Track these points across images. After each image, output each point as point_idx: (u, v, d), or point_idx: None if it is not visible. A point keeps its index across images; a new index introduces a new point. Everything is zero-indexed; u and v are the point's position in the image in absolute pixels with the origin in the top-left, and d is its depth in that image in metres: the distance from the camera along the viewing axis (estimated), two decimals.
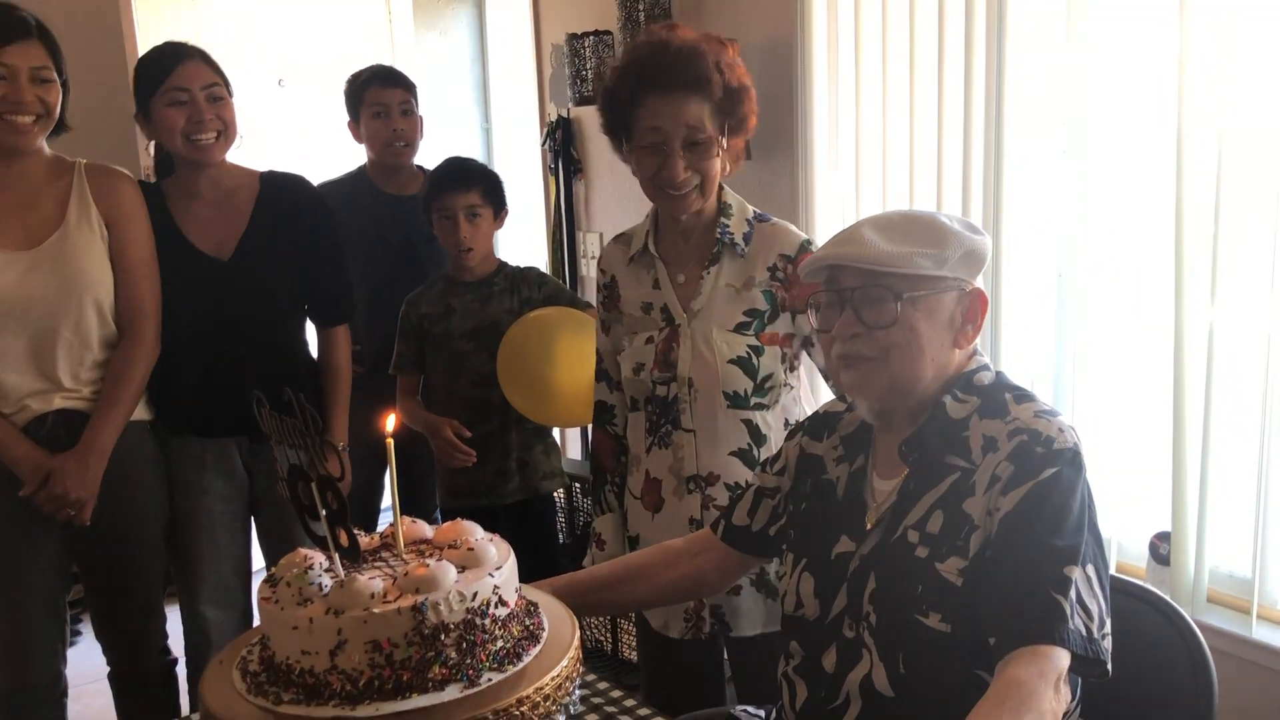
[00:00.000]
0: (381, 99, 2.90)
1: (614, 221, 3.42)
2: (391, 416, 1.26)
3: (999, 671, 1.22)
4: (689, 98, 1.79)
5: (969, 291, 1.40)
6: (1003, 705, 1.17)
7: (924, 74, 2.51)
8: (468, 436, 2.57)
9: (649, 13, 3.02)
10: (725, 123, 1.83)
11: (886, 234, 1.37)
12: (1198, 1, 2.00)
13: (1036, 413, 1.35)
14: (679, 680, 2.01)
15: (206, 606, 2.43)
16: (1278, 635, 2.05)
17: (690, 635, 1.93)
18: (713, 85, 1.79)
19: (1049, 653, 1.20)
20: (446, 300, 2.61)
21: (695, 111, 1.79)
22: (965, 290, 1.40)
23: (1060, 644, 1.21)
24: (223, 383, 2.34)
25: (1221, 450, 2.11)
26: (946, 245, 1.37)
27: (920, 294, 1.36)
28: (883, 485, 1.45)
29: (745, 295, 1.88)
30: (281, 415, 1.21)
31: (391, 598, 1.14)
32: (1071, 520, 1.28)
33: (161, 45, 2.35)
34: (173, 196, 2.33)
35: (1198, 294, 2.07)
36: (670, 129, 1.80)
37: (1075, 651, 1.22)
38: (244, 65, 3.90)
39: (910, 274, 1.35)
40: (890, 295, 1.35)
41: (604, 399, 2.05)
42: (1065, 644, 1.21)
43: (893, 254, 1.35)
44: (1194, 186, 2.05)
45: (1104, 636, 1.26)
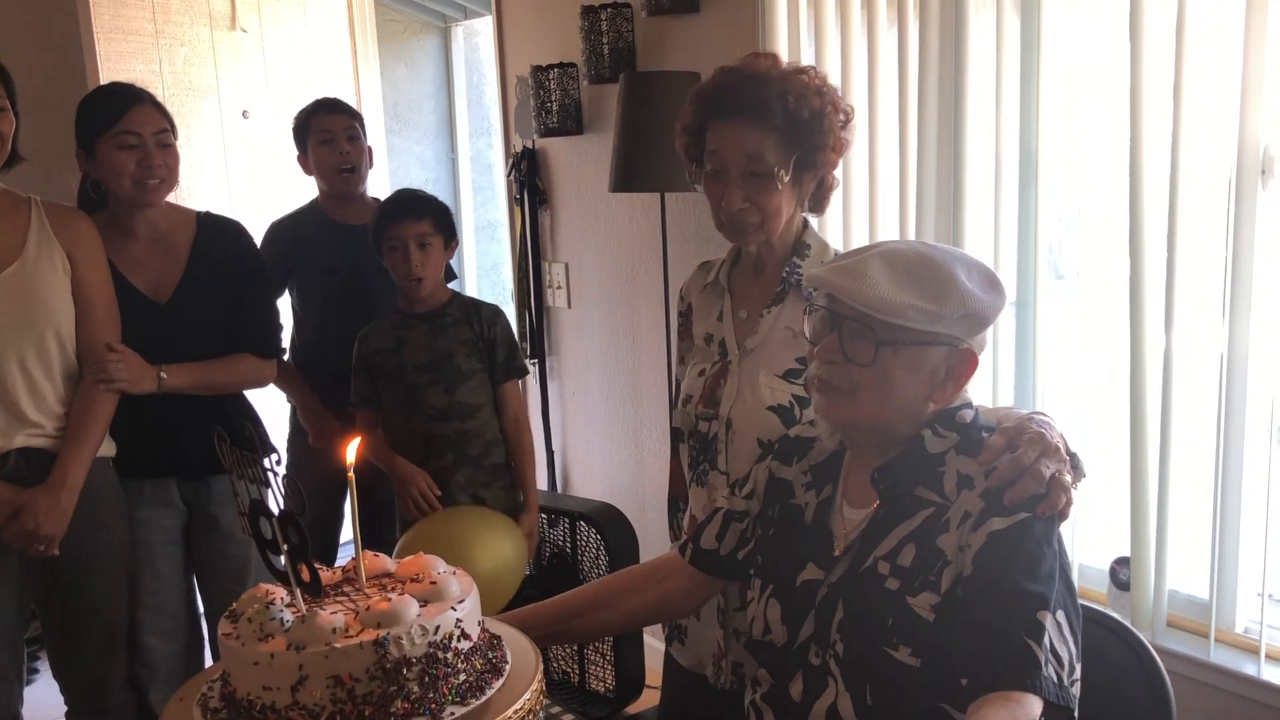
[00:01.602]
0: (327, 125, 2.92)
1: (579, 252, 3.44)
2: (353, 446, 1.26)
3: (971, 712, 1.21)
4: (749, 125, 1.69)
5: (960, 350, 1.38)
6: None
7: (884, 104, 2.54)
8: (438, 494, 2.56)
9: (612, 45, 3.05)
10: (793, 156, 1.70)
11: (892, 275, 1.35)
12: (1150, 32, 2.04)
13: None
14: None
15: (151, 637, 2.42)
16: (1236, 658, 2.07)
17: (714, 681, 1.88)
18: (773, 113, 1.67)
19: (1022, 699, 1.20)
20: (397, 333, 2.60)
21: (755, 140, 1.69)
22: (956, 348, 1.38)
23: (1034, 691, 1.20)
24: (158, 423, 2.34)
25: (1180, 474, 2.14)
26: (947, 303, 1.34)
27: (905, 344, 1.35)
28: (852, 514, 1.45)
29: (802, 341, 1.72)
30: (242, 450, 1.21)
31: (353, 632, 1.14)
32: (1045, 565, 1.28)
33: (111, 86, 2.37)
34: (105, 234, 2.32)
35: (1154, 320, 2.11)
36: (729, 156, 1.71)
37: (1048, 699, 1.21)
38: (208, 96, 3.92)
39: (898, 324, 1.34)
40: (874, 338, 1.35)
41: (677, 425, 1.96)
42: (1039, 691, 1.21)
43: (887, 301, 1.33)
44: (1149, 213, 2.09)
45: (1074, 683, 1.27)
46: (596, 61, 3.08)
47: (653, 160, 2.70)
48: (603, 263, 3.36)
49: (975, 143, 2.37)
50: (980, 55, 2.35)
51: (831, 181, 1.81)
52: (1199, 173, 2.06)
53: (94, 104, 2.32)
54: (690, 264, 2.08)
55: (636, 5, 2.99)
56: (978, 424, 1.42)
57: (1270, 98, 1.93)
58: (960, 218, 2.40)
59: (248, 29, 4.05)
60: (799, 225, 1.82)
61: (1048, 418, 1.44)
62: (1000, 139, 2.35)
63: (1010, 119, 2.34)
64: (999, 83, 2.33)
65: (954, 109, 2.38)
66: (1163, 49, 2.03)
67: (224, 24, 4.00)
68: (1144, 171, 2.08)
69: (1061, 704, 1.23)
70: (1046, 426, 1.40)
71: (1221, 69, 2.00)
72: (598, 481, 3.54)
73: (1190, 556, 2.19)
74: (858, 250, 1.44)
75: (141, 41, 3.74)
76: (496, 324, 2.63)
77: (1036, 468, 1.33)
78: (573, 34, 3.17)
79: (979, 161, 2.38)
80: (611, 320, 3.37)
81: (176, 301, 2.36)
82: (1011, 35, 2.32)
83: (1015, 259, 2.40)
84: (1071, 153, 2.31)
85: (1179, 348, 2.10)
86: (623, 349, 3.35)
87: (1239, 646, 2.09)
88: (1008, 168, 2.36)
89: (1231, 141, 1.98)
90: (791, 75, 1.71)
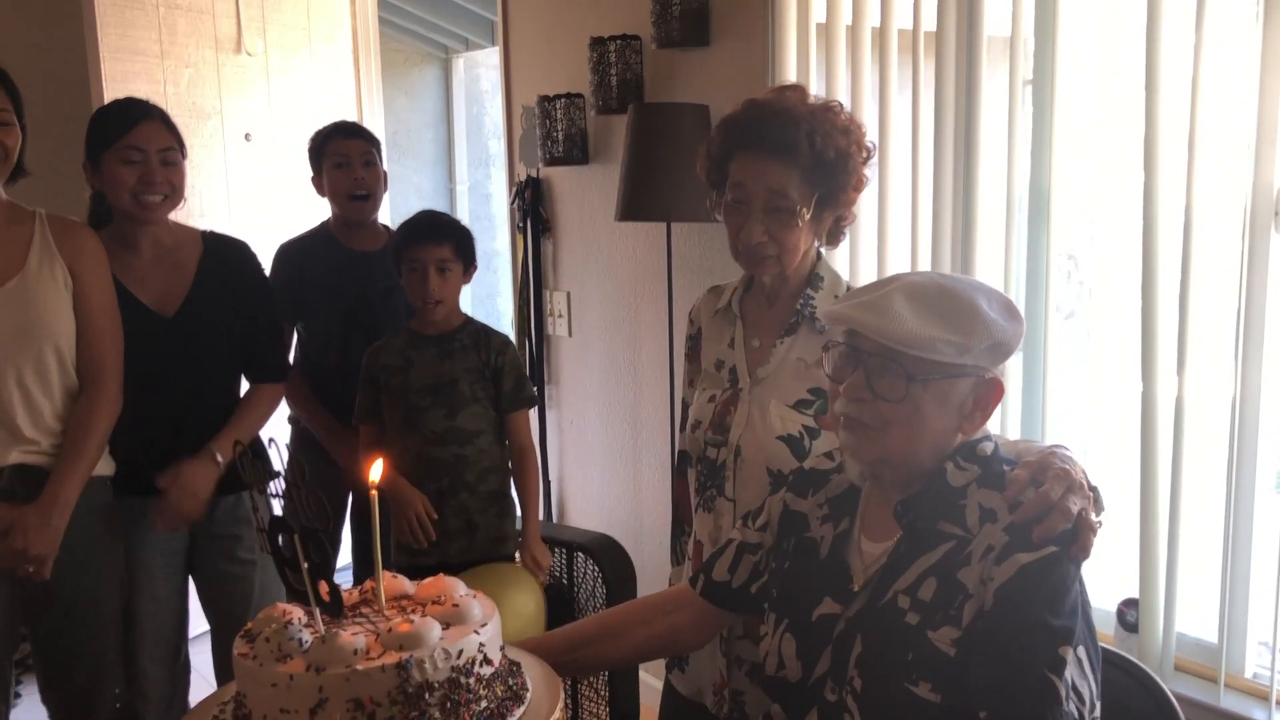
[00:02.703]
0: (343, 150, 2.91)
1: (581, 281, 3.43)
2: (377, 465, 1.24)
3: None
4: (775, 161, 1.69)
5: (986, 380, 1.38)
6: None
7: (895, 139, 2.55)
8: (434, 519, 2.53)
9: (621, 77, 3.06)
10: (815, 194, 1.72)
11: (916, 309, 1.34)
12: (1166, 72, 2.05)
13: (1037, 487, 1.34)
14: None
15: (148, 663, 2.39)
16: (1245, 704, 2.05)
17: (715, 710, 1.86)
18: (800, 152, 1.68)
19: None
20: (407, 353, 2.58)
21: (780, 177, 1.70)
22: (983, 378, 1.38)
23: None
24: (162, 440, 2.33)
25: (1190, 517, 2.13)
26: (974, 334, 1.34)
27: (934, 378, 1.34)
28: (871, 548, 1.43)
29: (814, 372, 1.76)
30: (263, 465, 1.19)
31: (375, 654, 1.11)
32: (1069, 601, 1.27)
33: (123, 101, 2.36)
34: (110, 249, 2.31)
35: (1166, 362, 2.11)
36: (752, 188, 1.72)
37: None
38: (212, 119, 3.92)
39: (928, 358, 1.33)
40: (903, 373, 1.33)
41: (685, 449, 1.96)
42: None
43: (917, 336, 1.31)
44: (1162, 257, 2.09)
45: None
46: (604, 92, 3.09)
47: (660, 190, 2.71)
48: (605, 292, 3.35)
49: (986, 180, 2.38)
50: (993, 93, 2.36)
51: (848, 218, 1.83)
52: (1212, 214, 2.06)
53: (104, 117, 2.32)
54: (695, 294, 2.08)
55: (646, 37, 3.01)
56: (999, 456, 1.41)
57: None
58: (971, 256, 2.40)
59: (253, 53, 4.05)
60: (813, 257, 1.83)
61: (1069, 451, 1.44)
62: (1012, 177, 2.35)
63: (1022, 158, 2.34)
64: (1011, 121, 2.33)
65: (965, 146, 2.38)
66: (1178, 89, 2.04)
67: (230, 47, 4.00)
68: (1158, 212, 2.08)
69: None
70: (1070, 462, 1.40)
71: (1236, 110, 2.01)
72: (595, 512, 3.51)
73: (1199, 600, 2.17)
74: (875, 285, 1.43)
75: (147, 62, 3.73)
76: (505, 353, 2.61)
77: (1064, 504, 1.32)
78: (580, 65, 3.18)
79: (990, 199, 2.38)
80: (612, 350, 3.36)
81: (182, 316, 2.35)
82: (1025, 74, 2.33)
83: (1024, 297, 2.40)
84: (1084, 192, 2.31)
85: (1190, 391, 2.10)
86: (623, 379, 3.33)
87: (1249, 692, 2.07)
88: (1019, 206, 2.37)
89: (1246, 183, 1.98)
90: (820, 112, 1.73)
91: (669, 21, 2.87)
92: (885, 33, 2.53)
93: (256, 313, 2.47)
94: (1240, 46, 1.98)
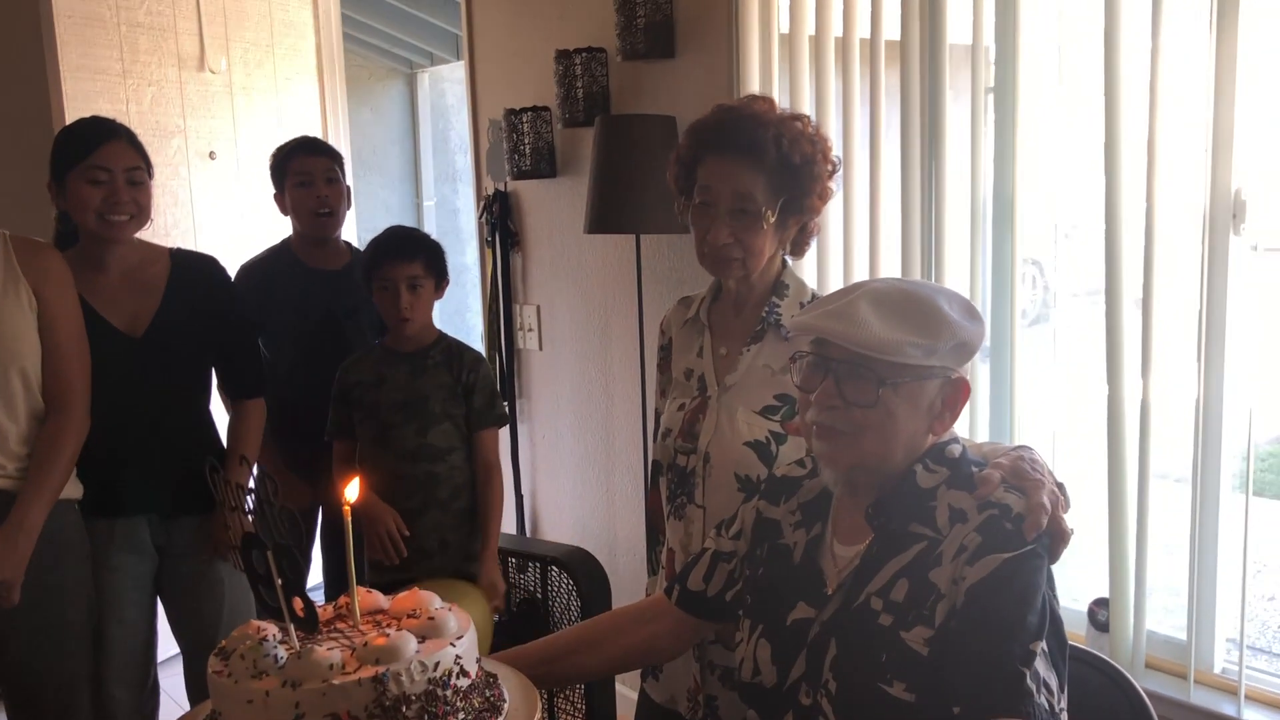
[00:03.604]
0: (306, 167, 2.88)
1: (551, 294, 3.44)
2: (353, 485, 1.24)
3: None
4: (742, 163, 1.73)
5: (953, 379, 1.40)
6: None
7: (859, 151, 2.57)
8: (406, 535, 2.52)
9: (587, 89, 3.07)
10: (780, 199, 1.75)
11: (882, 314, 1.36)
12: (1126, 81, 2.08)
13: (1007, 488, 1.36)
14: None
15: (116, 687, 2.37)
16: (1215, 698, 2.08)
17: (690, 716, 1.87)
18: (767, 155, 1.72)
19: None
20: (379, 369, 2.57)
21: (747, 179, 1.73)
22: (950, 378, 1.40)
23: (1026, 718, 1.21)
24: (131, 461, 2.31)
25: (1158, 516, 2.15)
26: (939, 336, 1.36)
27: (904, 380, 1.36)
28: (844, 551, 1.45)
29: (780, 379, 1.79)
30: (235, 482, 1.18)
31: (351, 669, 1.11)
32: (1039, 598, 1.29)
33: (90, 120, 2.34)
34: (77, 270, 2.29)
35: (1130, 368, 2.13)
36: (720, 191, 1.75)
37: None
38: (175, 137, 3.89)
39: (897, 362, 1.35)
40: (874, 378, 1.35)
41: (657, 458, 1.97)
42: (1031, 718, 1.21)
43: (884, 341, 1.33)
44: (1127, 261, 2.11)
45: (1062, 710, 1.27)
46: (571, 105, 3.10)
47: (629, 202, 2.71)
48: (575, 305, 3.35)
49: (952, 187, 2.40)
50: (956, 101, 2.38)
51: (813, 228, 1.86)
52: (1173, 218, 2.09)
53: (70, 137, 2.30)
54: (665, 305, 2.09)
55: (611, 50, 3.02)
56: (967, 458, 1.43)
57: (1241, 140, 1.96)
58: (938, 263, 2.42)
59: (216, 70, 4.03)
60: (779, 265, 1.86)
61: (1035, 452, 1.46)
62: (977, 184, 2.37)
63: (986, 165, 2.37)
64: (974, 129, 2.36)
65: (930, 154, 2.41)
66: (1137, 96, 2.07)
67: (193, 65, 3.98)
68: (1120, 217, 2.11)
69: None
70: (1036, 465, 1.42)
71: (1193, 116, 2.04)
72: (568, 525, 3.51)
73: (1168, 598, 2.20)
74: (839, 293, 1.45)
75: (109, 81, 3.71)
76: (478, 370, 2.60)
77: (1044, 501, 1.35)
78: (546, 78, 3.19)
79: (955, 206, 2.41)
80: (584, 362, 3.36)
81: (151, 336, 2.33)
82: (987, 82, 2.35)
83: (990, 303, 2.42)
84: (1048, 199, 2.34)
85: (1156, 394, 2.12)
86: (595, 391, 3.33)
87: (1218, 687, 2.10)
88: (984, 213, 2.39)
89: (1204, 187, 2.01)
90: (788, 120, 1.76)
91: (634, 34, 2.89)
92: (848, 42, 2.55)
93: (231, 328, 2.45)
94: (1195, 54, 2.01)
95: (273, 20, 4.23)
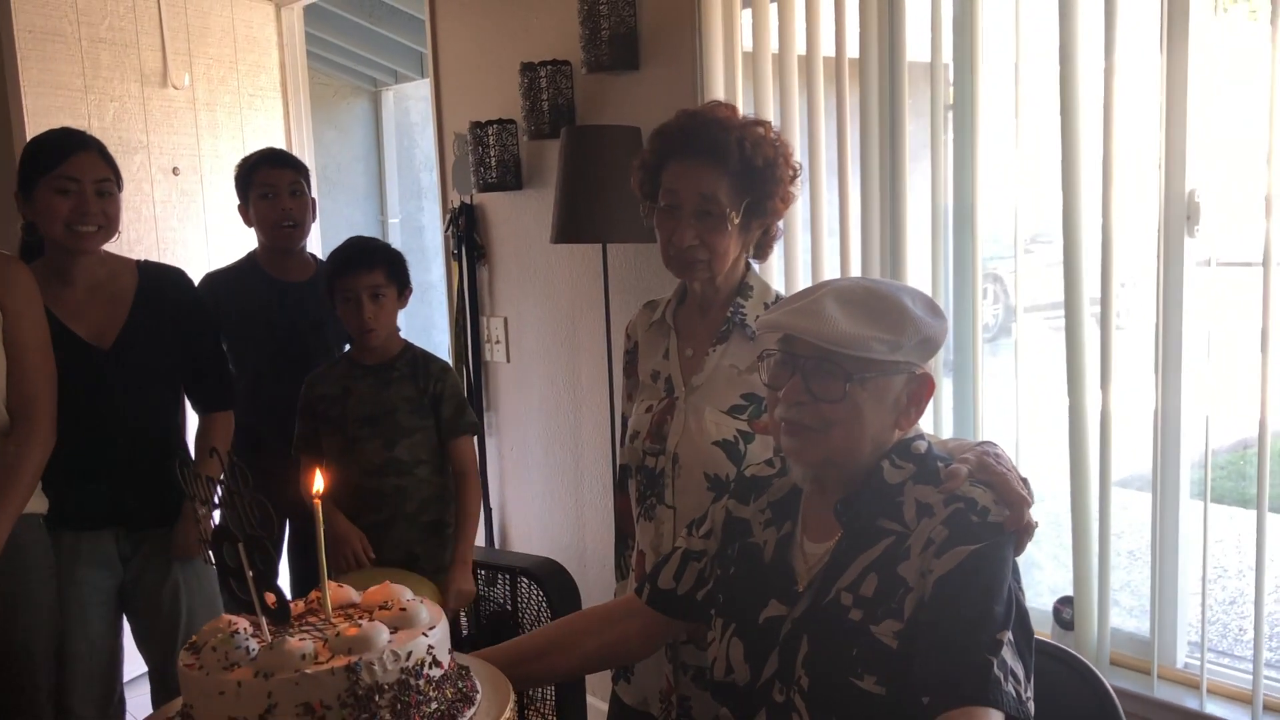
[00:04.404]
0: (270, 180, 2.87)
1: (518, 306, 3.44)
2: (318, 476, 1.24)
3: None
4: (706, 166, 1.76)
5: (918, 375, 1.43)
6: None
7: (826, 163, 2.60)
8: (373, 558, 2.50)
9: (552, 102, 3.09)
10: (744, 201, 1.78)
11: (847, 311, 1.38)
12: (1086, 92, 2.12)
13: (973, 482, 1.39)
14: None
15: (80, 704, 2.33)
16: (1178, 693, 2.11)
17: (663, 718, 1.88)
18: (730, 157, 1.75)
19: (984, 715, 1.22)
20: (345, 383, 2.56)
21: (711, 182, 1.76)
22: (915, 374, 1.43)
23: (995, 705, 1.23)
24: (99, 473, 2.29)
25: (1120, 521, 2.19)
26: (904, 332, 1.38)
27: (870, 376, 1.38)
28: (814, 549, 1.46)
29: (746, 378, 1.82)
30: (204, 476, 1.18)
31: (323, 659, 1.11)
32: (1005, 589, 1.31)
33: (60, 130, 2.34)
34: (42, 280, 2.27)
35: (1091, 378, 2.17)
36: (685, 194, 1.77)
37: (1009, 713, 1.23)
38: (138, 153, 3.87)
39: (863, 357, 1.37)
40: (841, 373, 1.37)
41: (625, 461, 1.98)
42: (1000, 705, 1.23)
43: (850, 336, 1.36)
44: (1086, 272, 2.15)
45: (1029, 699, 1.29)
46: (536, 117, 3.11)
47: (595, 212, 2.73)
48: (542, 316, 3.36)
49: (913, 202, 2.43)
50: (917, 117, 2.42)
51: (775, 232, 1.90)
52: (1131, 228, 2.14)
53: (39, 147, 2.28)
54: (632, 314, 2.11)
55: (576, 62, 3.04)
56: (932, 454, 1.45)
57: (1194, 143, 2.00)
58: (900, 275, 2.45)
59: (179, 86, 4.02)
60: (743, 268, 1.89)
61: (999, 447, 1.48)
62: (937, 199, 2.40)
63: (947, 180, 2.39)
64: (934, 145, 2.39)
65: (891, 170, 2.43)
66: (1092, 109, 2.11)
67: (155, 81, 3.96)
68: (1079, 227, 2.14)
69: (1021, 718, 1.25)
70: (1000, 459, 1.45)
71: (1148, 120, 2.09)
72: (537, 537, 3.50)
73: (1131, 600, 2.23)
74: (805, 292, 1.47)
75: (70, 96, 3.68)
76: (445, 380, 2.59)
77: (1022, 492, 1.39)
78: (511, 91, 3.21)
79: (916, 220, 2.44)
80: (551, 373, 3.36)
81: (119, 348, 2.31)
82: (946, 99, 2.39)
83: (953, 315, 2.45)
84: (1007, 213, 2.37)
85: (1116, 403, 2.15)
86: (563, 402, 3.34)
87: (1180, 682, 2.13)
88: (945, 226, 2.42)
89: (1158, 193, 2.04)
90: (750, 125, 1.80)
91: (598, 46, 2.91)
92: (811, 60, 2.58)
93: (198, 340, 2.43)
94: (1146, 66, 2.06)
95: (236, 36, 4.23)
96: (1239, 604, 4.08)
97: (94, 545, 2.32)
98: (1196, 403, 2.10)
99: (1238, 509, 5.10)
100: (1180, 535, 2.13)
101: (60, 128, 2.35)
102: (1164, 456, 2.11)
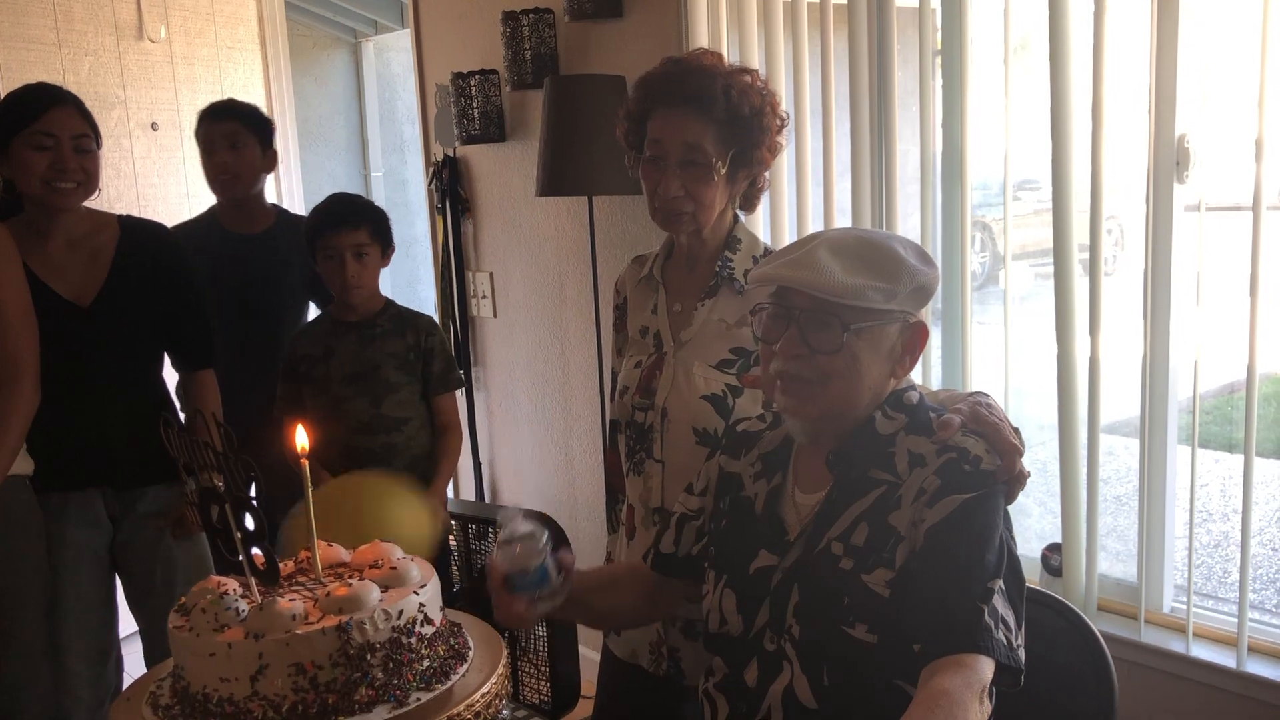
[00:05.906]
0: (210, 133, 2.81)
1: (504, 260, 3.42)
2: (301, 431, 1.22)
3: (925, 680, 1.24)
4: (691, 114, 1.72)
5: (912, 324, 1.43)
6: (932, 714, 1.19)
7: (809, 108, 2.58)
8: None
9: (535, 51, 3.04)
10: (730, 151, 1.75)
11: (842, 261, 1.37)
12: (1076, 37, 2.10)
13: (965, 432, 1.39)
14: (636, 712, 1.95)
15: (76, 661, 2.33)
16: (1164, 636, 2.13)
17: (653, 669, 1.89)
18: (716, 106, 1.71)
19: (974, 663, 1.23)
20: (327, 341, 2.53)
21: (696, 130, 1.72)
22: (909, 322, 1.42)
23: (986, 653, 1.24)
24: (83, 432, 2.27)
25: (1107, 462, 2.20)
26: (899, 280, 1.38)
27: (866, 325, 1.38)
28: (805, 499, 1.46)
29: (735, 333, 1.80)
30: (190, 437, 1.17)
31: (314, 619, 1.11)
32: (996, 538, 1.32)
33: (35, 85, 2.29)
34: (21, 238, 2.23)
35: (1080, 321, 2.17)
36: (670, 144, 1.74)
37: (1000, 660, 1.25)
38: (115, 108, 3.81)
39: (860, 306, 1.36)
40: (838, 324, 1.36)
41: (614, 416, 1.98)
42: (990, 653, 1.24)
43: (846, 286, 1.35)
44: (1076, 222, 2.14)
45: (1020, 646, 1.30)
46: (519, 67, 3.07)
47: (580, 163, 2.70)
48: (529, 270, 3.34)
49: (902, 148, 2.41)
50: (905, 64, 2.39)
51: (762, 183, 1.87)
52: (1120, 174, 2.12)
53: (14, 102, 2.24)
54: (619, 267, 2.10)
55: (559, 10, 2.99)
56: (924, 405, 1.45)
57: (1184, 87, 1.99)
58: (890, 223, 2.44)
59: (156, 39, 3.95)
60: (730, 220, 1.87)
61: (990, 398, 1.48)
62: (926, 145, 2.39)
63: (936, 126, 2.38)
64: (923, 91, 2.37)
65: (880, 117, 2.41)
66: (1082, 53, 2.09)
67: (131, 34, 3.89)
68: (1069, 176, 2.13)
69: (1012, 665, 1.27)
70: (993, 409, 1.45)
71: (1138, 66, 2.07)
72: (528, 491, 3.51)
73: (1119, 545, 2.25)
74: (797, 244, 1.46)
75: (44, 50, 3.62)
76: (434, 335, 2.58)
77: (1014, 441, 1.39)
78: (494, 40, 3.16)
79: (906, 167, 2.42)
80: (539, 328, 3.35)
81: (100, 305, 2.28)
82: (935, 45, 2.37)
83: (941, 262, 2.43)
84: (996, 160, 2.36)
85: (1105, 350, 2.15)
86: (551, 356, 3.33)
87: (1167, 626, 2.15)
88: (934, 173, 2.40)
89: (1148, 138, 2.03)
90: (736, 73, 1.77)
91: None
92: (797, 6, 2.55)
93: (179, 297, 2.40)
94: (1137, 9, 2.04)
95: None
96: (1223, 547, 4.13)
97: (81, 505, 2.31)
98: (1185, 348, 2.10)
99: (1223, 453, 5.16)
100: (1167, 481, 2.15)
101: (35, 83, 2.30)
102: (1152, 402, 2.12)
